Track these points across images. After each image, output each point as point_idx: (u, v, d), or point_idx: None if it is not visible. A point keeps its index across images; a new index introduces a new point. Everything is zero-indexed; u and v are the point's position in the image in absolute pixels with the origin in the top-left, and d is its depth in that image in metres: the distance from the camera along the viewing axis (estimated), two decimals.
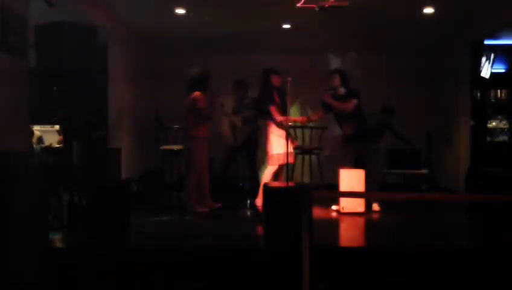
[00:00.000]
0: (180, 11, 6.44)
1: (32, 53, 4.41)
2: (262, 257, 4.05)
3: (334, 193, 6.08)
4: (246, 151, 7.11)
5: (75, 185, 4.82)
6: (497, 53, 7.53)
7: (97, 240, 4.23)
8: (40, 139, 7.46)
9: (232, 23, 7.06)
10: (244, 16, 6.70)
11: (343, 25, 7.09)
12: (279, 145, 5.86)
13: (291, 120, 6.18)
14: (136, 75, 7.97)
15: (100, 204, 4.38)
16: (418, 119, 8.76)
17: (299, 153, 6.75)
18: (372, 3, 6.08)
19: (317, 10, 5.93)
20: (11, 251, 3.67)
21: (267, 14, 6.52)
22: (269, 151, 5.96)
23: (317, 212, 5.90)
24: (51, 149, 6.86)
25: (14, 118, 4.07)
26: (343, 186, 5.90)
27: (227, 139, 6.80)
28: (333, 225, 5.57)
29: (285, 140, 5.49)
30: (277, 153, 5.87)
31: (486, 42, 7.58)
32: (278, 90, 5.94)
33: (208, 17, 6.71)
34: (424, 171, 7.66)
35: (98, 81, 4.74)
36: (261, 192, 5.49)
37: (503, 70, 7.77)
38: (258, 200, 5.85)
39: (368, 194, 6.13)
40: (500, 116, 7.78)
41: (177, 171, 6.96)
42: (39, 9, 4.63)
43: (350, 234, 5.25)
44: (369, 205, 6.13)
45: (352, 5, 5.99)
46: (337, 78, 6.18)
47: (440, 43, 8.27)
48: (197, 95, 5.89)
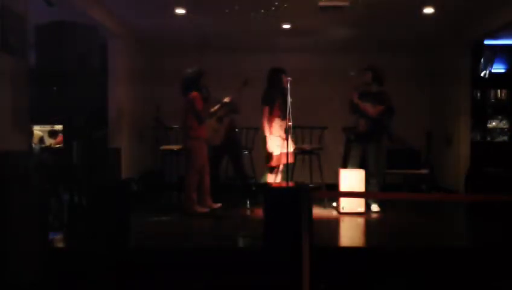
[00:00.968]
0: (180, 11, 6.44)
1: (32, 53, 4.41)
2: (262, 257, 4.05)
3: (334, 193, 6.08)
4: (227, 152, 7.06)
5: (75, 185, 4.82)
6: (497, 53, 7.54)
7: (97, 240, 4.23)
8: (41, 139, 7.47)
9: (232, 23, 7.06)
10: (244, 16, 6.69)
11: (343, 25, 7.09)
12: (277, 146, 5.96)
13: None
14: (136, 75, 7.98)
15: (100, 204, 4.37)
16: (418, 119, 8.76)
17: (298, 153, 6.74)
18: (372, 3, 6.08)
19: (318, 9, 5.96)
20: (11, 251, 3.67)
21: (267, 14, 6.52)
22: (267, 152, 6.04)
23: (317, 212, 5.91)
24: (51, 149, 6.87)
25: (14, 118, 4.07)
26: (343, 187, 5.90)
27: (209, 140, 6.72)
28: (333, 225, 5.56)
29: (286, 140, 5.54)
30: (275, 153, 5.98)
31: (486, 42, 7.58)
32: (283, 91, 5.97)
33: (208, 17, 6.72)
34: (424, 171, 7.66)
35: (98, 81, 4.73)
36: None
37: (503, 70, 7.78)
38: None
39: (368, 194, 6.13)
40: (500, 116, 7.79)
41: (177, 171, 6.96)
42: (39, 9, 4.64)
43: (350, 234, 5.25)
44: (368, 206, 6.13)
45: (352, 5, 6.00)
46: (370, 75, 6.14)
47: (440, 43, 8.27)
48: (194, 95, 5.89)
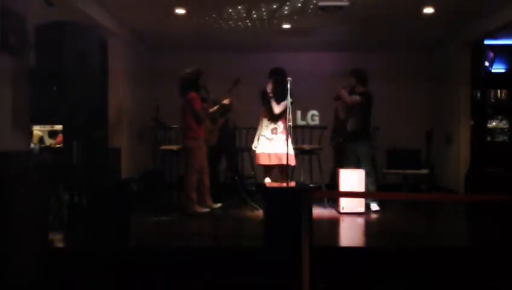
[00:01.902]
0: (180, 11, 6.44)
1: (32, 53, 4.41)
2: (262, 257, 4.05)
3: (334, 193, 6.08)
4: (223, 151, 7.06)
5: (75, 185, 4.82)
6: (497, 53, 7.54)
7: (97, 240, 4.23)
8: (41, 139, 7.46)
9: (232, 23, 7.06)
10: (244, 16, 6.69)
11: (343, 24, 7.09)
12: (260, 145, 6.02)
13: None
14: (136, 75, 7.97)
15: (100, 204, 4.37)
16: (418, 119, 8.76)
17: (298, 153, 6.74)
18: (372, 3, 6.08)
19: (318, 9, 5.96)
20: (11, 251, 3.67)
21: (267, 14, 6.52)
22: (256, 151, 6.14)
23: (317, 212, 5.91)
24: (51, 149, 6.86)
25: (14, 118, 4.07)
26: (343, 187, 5.90)
27: (206, 140, 6.70)
28: (333, 225, 5.57)
29: (286, 141, 5.56)
30: (260, 152, 6.00)
31: (486, 42, 7.58)
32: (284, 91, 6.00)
33: (208, 17, 6.72)
34: (424, 171, 7.66)
35: (98, 81, 4.73)
36: None
37: (503, 70, 7.78)
38: None
39: (368, 194, 6.13)
40: (500, 116, 7.78)
41: (177, 171, 6.95)
42: (39, 9, 4.64)
43: (350, 234, 5.25)
44: (368, 205, 6.13)
45: (352, 5, 6.00)
46: (354, 78, 6.36)
47: (440, 43, 8.27)
48: (193, 95, 5.89)
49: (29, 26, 4.29)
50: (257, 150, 6.10)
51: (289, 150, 5.57)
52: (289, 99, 5.73)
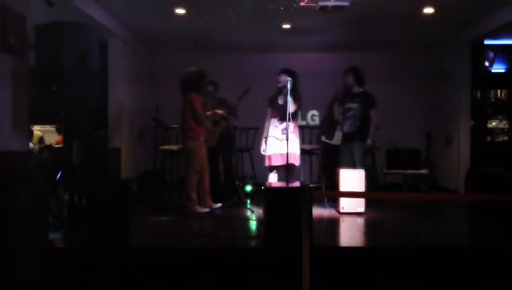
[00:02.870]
0: (180, 11, 6.44)
1: (32, 53, 4.41)
2: (262, 257, 4.05)
3: (334, 193, 6.07)
4: (221, 152, 7.05)
5: (75, 185, 4.82)
6: (497, 53, 7.54)
7: (97, 240, 4.23)
8: (41, 139, 7.46)
9: (232, 23, 7.05)
10: (244, 16, 6.69)
11: (343, 24, 7.09)
12: (270, 146, 6.06)
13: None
14: (136, 75, 7.97)
15: (100, 204, 4.37)
16: (418, 119, 8.76)
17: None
18: (372, 3, 6.08)
19: (318, 9, 5.95)
20: (11, 251, 3.67)
21: (267, 14, 6.52)
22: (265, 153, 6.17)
23: (317, 212, 5.90)
24: (51, 149, 6.87)
25: (14, 118, 4.07)
26: (343, 187, 5.90)
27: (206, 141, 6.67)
28: (333, 225, 5.56)
29: (286, 141, 5.57)
30: (268, 154, 6.07)
31: (486, 42, 7.58)
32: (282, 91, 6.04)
33: (208, 17, 6.72)
34: (424, 171, 7.66)
35: (98, 81, 4.72)
36: None
37: (503, 70, 7.78)
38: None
39: (368, 194, 6.13)
40: (500, 116, 7.79)
41: (177, 171, 6.95)
42: (39, 9, 4.64)
43: (350, 234, 5.25)
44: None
45: (353, 5, 6.00)
46: (351, 77, 6.24)
47: (440, 43, 8.27)
48: (194, 96, 5.89)
49: (29, 26, 4.29)
50: (267, 152, 6.12)
51: (297, 150, 5.89)
52: (289, 99, 5.76)
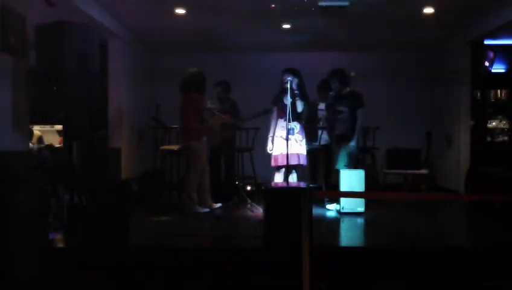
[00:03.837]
0: (180, 11, 6.44)
1: (32, 53, 4.41)
2: (262, 257, 4.05)
3: (334, 193, 6.08)
4: (222, 152, 7.05)
5: (75, 185, 4.82)
6: (497, 53, 7.54)
7: (97, 240, 4.23)
8: (40, 139, 7.45)
9: (232, 23, 7.06)
10: (244, 16, 6.69)
11: (343, 24, 7.09)
12: (277, 146, 6.07)
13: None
14: (136, 75, 7.97)
15: (100, 204, 4.37)
16: (418, 119, 8.76)
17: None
18: (372, 3, 6.08)
19: (318, 9, 5.95)
20: (11, 251, 3.67)
21: (267, 13, 6.52)
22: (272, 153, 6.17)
23: (317, 212, 5.90)
24: (51, 149, 6.85)
25: (14, 118, 4.07)
26: (343, 187, 5.89)
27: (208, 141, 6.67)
28: (333, 225, 5.56)
29: (286, 141, 5.60)
30: (275, 154, 6.08)
31: (486, 42, 7.58)
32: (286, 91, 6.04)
33: (208, 17, 6.72)
34: (424, 171, 7.65)
35: (98, 81, 4.72)
36: None
37: (503, 70, 7.78)
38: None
39: (368, 194, 6.13)
40: (500, 116, 7.78)
41: (177, 171, 6.95)
42: (39, 9, 4.64)
43: (350, 234, 5.25)
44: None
45: (352, 5, 6.00)
46: (336, 80, 6.20)
47: (440, 43, 8.26)
48: (198, 96, 5.90)
49: (29, 26, 4.29)
50: (274, 152, 6.12)
51: (303, 151, 6.00)
52: (289, 99, 5.76)
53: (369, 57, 8.65)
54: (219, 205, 6.13)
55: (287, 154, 5.62)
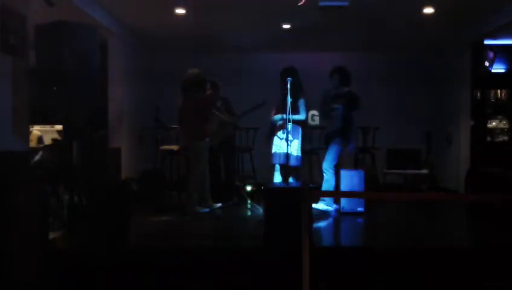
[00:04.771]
0: (180, 11, 6.44)
1: (32, 53, 4.41)
2: (262, 257, 4.05)
3: (334, 193, 6.07)
4: (222, 151, 7.05)
5: (75, 185, 4.82)
6: (497, 53, 7.53)
7: (97, 240, 4.23)
8: (40, 139, 7.44)
9: (232, 23, 7.06)
10: (244, 16, 6.70)
11: (343, 24, 7.09)
12: (275, 145, 6.11)
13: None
14: (136, 75, 7.97)
15: (100, 204, 4.37)
16: (418, 119, 8.76)
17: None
18: (372, 3, 6.08)
19: (318, 9, 5.95)
20: (11, 251, 3.67)
21: (267, 13, 6.52)
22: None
23: (317, 212, 5.90)
24: (51, 149, 6.84)
25: (14, 118, 4.07)
26: (343, 187, 5.89)
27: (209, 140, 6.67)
28: (333, 225, 5.56)
29: (286, 141, 5.60)
30: (274, 152, 6.11)
31: (486, 42, 7.58)
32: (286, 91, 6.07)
33: (208, 17, 6.72)
34: (424, 171, 7.66)
35: (98, 81, 4.72)
36: None
37: (503, 70, 7.78)
38: None
39: (368, 194, 6.13)
40: (500, 116, 7.78)
41: (177, 171, 6.95)
42: (39, 9, 4.64)
43: (350, 234, 5.25)
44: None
45: (352, 5, 6.00)
46: (337, 77, 6.17)
47: (440, 43, 8.26)
48: (201, 96, 5.90)
49: (29, 26, 4.29)
50: (272, 150, 6.17)
51: (297, 151, 5.98)
52: (289, 99, 5.75)
53: (369, 57, 8.65)
54: (219, 205, 6.13)
55: (287, 153, 5.64)
